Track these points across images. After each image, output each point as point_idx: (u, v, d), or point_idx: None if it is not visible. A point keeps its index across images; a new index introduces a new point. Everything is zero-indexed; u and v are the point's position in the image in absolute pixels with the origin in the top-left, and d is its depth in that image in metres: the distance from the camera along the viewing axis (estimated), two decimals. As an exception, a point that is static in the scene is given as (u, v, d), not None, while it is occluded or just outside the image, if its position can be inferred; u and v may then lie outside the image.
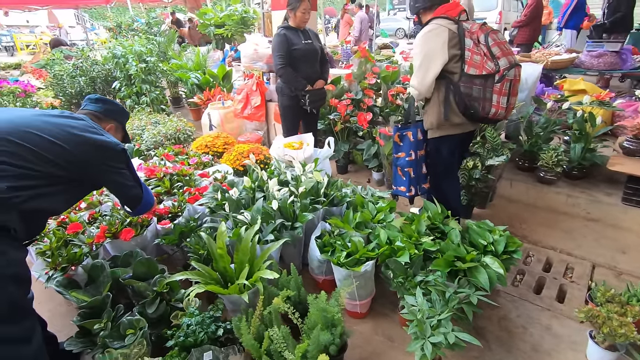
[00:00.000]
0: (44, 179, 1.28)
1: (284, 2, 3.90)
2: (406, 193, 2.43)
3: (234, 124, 4.36)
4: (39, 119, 1.37)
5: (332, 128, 3.72)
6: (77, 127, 1.42)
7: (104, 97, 1.73)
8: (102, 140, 1.45)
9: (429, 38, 1.98)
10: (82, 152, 1.37)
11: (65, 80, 4.93)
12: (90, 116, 1.61)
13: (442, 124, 2.11)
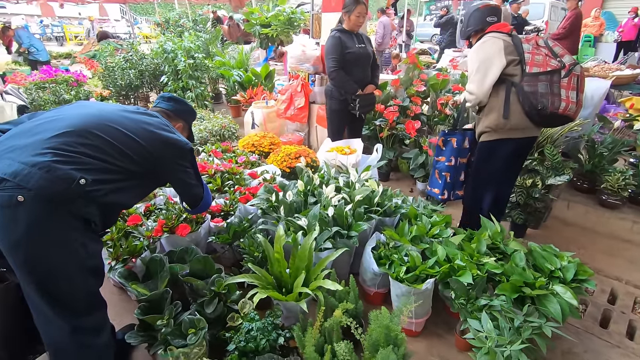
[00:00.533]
0: (123, 173, 1.30)
1: (335, 4, 3.90)
2: (439, 195, 2.53)
3: (276, 123, 4.37)
4: (119, 114, 1.39)
5: (377, 134, 3.66)
6: (152, 124, 1.44)
7: (175, 96, 1.75)
8: (174, 139, 1.46)
9: (484, 46, 2.00)
10: (155, 149, 1.39)
11: (116, 73, 5.11)
12: (162, 114, 1.63)
13: (500, 126, 2.04)
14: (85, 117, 1.30)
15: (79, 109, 1.37)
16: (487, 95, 2.03)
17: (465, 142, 2.46)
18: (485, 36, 2.03)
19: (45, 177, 1.09)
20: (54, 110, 1.39)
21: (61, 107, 1.44)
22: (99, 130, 1.27)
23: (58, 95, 4.74)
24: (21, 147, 1.14)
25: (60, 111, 1.36)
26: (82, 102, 1.49)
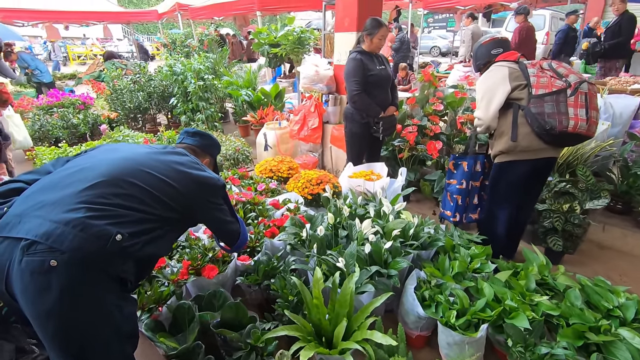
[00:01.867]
0: (158, 221, 1.19)
1: (349, 25, 3.85)
2: (451, 218, 2.56)
3: (289, 144, 4.28)
4: (150, 157, 1.29)
5: (395, 155, 3.56)
6: (184, 163, 1.34)
7: (201, 131, 1.66)
8: (206, 177, 1.36)
9: (489, 75, 2.11)
10: (189, 190, 1.29)
11: (124, 95, 5.05)
12: (189, 150, 1.54)
13: (511, 149, 2.08)
14: (117, 163, 1.20)
15: (108, 154, 1.27)
16: (494, 120, 2.09)
17: (477, 166, 2.51)
18: (492, 66, 2.14)
19: (79, 236, 0.98)
20: (82, 156, 1.29)
21: (89, 152, 1.34)
22: (133, 176, 1.17)
23: (67, 120, 4.66)
24: (52, 203, 1.03)
25: (89, 158, 1.26)
26: (109, 146, 1.38)
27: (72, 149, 4.10)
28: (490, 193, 2.37)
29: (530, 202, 2.36)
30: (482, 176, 2.51)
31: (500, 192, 2.27)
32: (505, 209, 2.27)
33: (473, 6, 8.79)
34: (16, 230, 0.98)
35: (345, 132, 3.16)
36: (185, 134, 1.64)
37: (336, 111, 4.14)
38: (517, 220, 2.31)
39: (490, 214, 2.38)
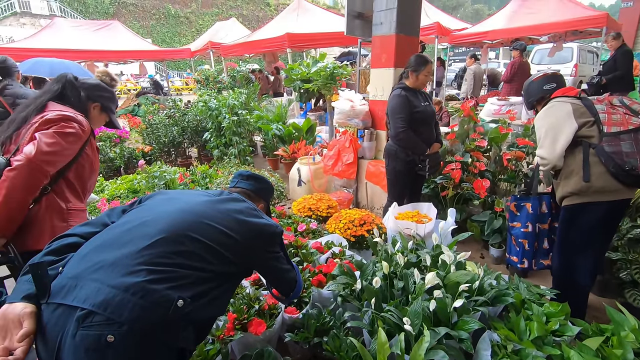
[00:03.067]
0: (218, 278, 1.08)
1: (386, 61, 3.83)
2: (517, 264, 2.43)
3: (323, 179, 4.18)
4: (209, 206, 1.20)
5: (437, 193, 3.38)
6: (243, 211, 1.24)
7: (255, 174, 1.56)
8: (265, 224, 1.26)
9: (550, 111, 2.00)
10: (249, 240, 1.18)
11: (159, 129, 5.16)
12: (244, 194, 1.44)
13: (583, 190, 1.90)
14: (177, 216, 1.10)
15: (166, 205, 1.18)
16: (561, 159, 1.97)
17: (542, 207, 2.35)
18: (551, 101, 2.03)
19: (139, 304, 0.87)
20: (139, 208, 1.20)
21: (145, 202, 1.25)
22: (194, 231, 1.07)
23: (104, 153, 4.76)
24: (110, 264, 0.93)
25: (146, 210, 1.17)
26: (166, 195, 1.30)
27: (108, 182, 4.14)
28: (561, 240, 2.15)
29: (603, 249, 2.14)
30: (550, 218, 2.34)
31: (572, 238, 2.07)
32: (580, 256, 2.06)
33: (500, 40, 8.79)
34: (72, 297, 0.87)
35: (387, 170, 3.04)
36: (239, 177, 1.55)
37: (372, 146, 4.04)
38: (594, 267, 2.08)
39: (563, 264, 2.16)
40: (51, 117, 1.54)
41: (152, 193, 1.31)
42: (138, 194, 3.78)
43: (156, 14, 27.34)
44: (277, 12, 33.13)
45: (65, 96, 1.68)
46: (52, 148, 1.48)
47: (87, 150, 1.71)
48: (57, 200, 1.60)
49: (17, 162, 1.40)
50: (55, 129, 1.52)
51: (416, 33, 3.88)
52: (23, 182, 1.41)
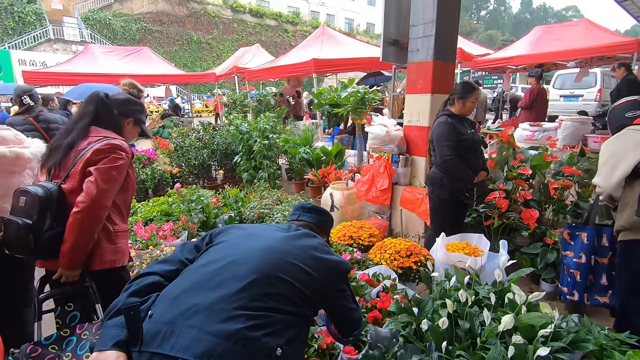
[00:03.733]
0: (303, 321, 1.06)
1: (422, 87, 3.80)
2: (567, 295, 2.33)
3: (356, 205, 4.10)
4: (288, 243, 1.15)
5: (480, 222, 3.25)
6: (317, 247, 1.19)
7: (317, 207, 1.51)
8: (338, 261, 1.22)
9: (618, 139, 1.93)
10: (324, 278, 1.13)
11: (190, 152, 5.21)
12: (307, 228, 1.38)
13: (635, 225, 1.78)
14: (263, 255, 1.06)
15: (250, 242, 1.13)
16: (617, 189, 1.88)
17: (602, 240, 2.23)
18: (625, 128, 1.94)
19: (241, 353, 0.81)
20: (221, 245, 1.15)
21: (221, 237, 1.21)
22: (281, 271, 1.02)
23: (136, 176, 4.81)
24: (206, 309, 0.87)
25: (230, 247, 1.12)
26: (244, 230, 1.24)
27: (140, 204, 4.15)
28: (619, 277, 2.04)
29: None
30: (611, 252, 2.20)
31: (628, 276, 1.93)
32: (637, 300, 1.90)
33: (525, 65, 8.75)
34: (169, 345, 0.81)
35: (431, 198, 2.94)
36: (301, 210, 1.49)
37: (407, 172, 3.96)
38: None
39: (624, 302, 2.00)
40: (100, 147, 1.58)
41: (225, 227, 1.26)
42: (171, 217, 3.77)
43: (179, 40, 28.55)
44: (294, 39, 34.21)
45: (101, 117, 1.71)
46: (109, 184, 1.56)
47: (129, 174, 1.75)
48: (106, 224, 1.65)
49: (82, 204, 1.50)
50: (108, 163, 1.57)
51: (453, 59, 3.87)
52: (91, 220, 1.53)
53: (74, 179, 1.57)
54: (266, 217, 3.59)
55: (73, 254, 1.52)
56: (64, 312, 1.60)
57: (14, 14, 21.73)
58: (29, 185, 1.55)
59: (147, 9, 27.64)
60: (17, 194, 1.54)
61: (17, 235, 1.47)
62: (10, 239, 1.52)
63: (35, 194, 1.48)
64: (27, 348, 1.26)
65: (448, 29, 3.69)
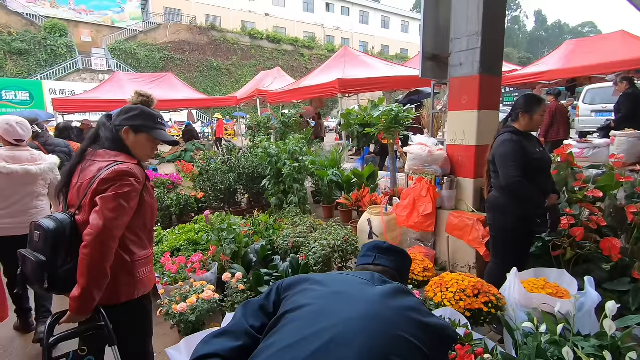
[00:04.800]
0: None
1: (467, 102, 3.51)
2: None
3: (396, 232, 3.75)
4: (383, 304, 0.90)
5: (546, 252, 2.86)
6: (415, 308, 0.93)
7: (395, 248, 1.21)
8: (443, 326, 0.94)
9: None
10: (435, 352, 0.87)
11: (216, 177, 5.02)
12: (387, 275, 1.08)
13: None
14: (366, 326, 0.79)
15: (341, 305, 0.86)
16: None
17: None
18: None
19: None
20: (305, 311, 0.87)
21: (301, 293, 0.92)
22: (394, 351, 0.77)
23: (161, 201, 4.63)
24: None
25: (319, 314, 0.85)
26: (327, 285, 0.97)
27: (166, 232, 3.93)
28: None
29: None
30: None
31: None
32: None
33: (557, 80, 8.39)
34: None
35: (493, 226, 2.59)
36: (377, 251, 1.20)
37: (452, 195, 3.62)
38: None
39: None
40: (106, 176, 1.47)
41: (295, 279, 0.98)
42: (198, 246, 3.52)
43: (200, 66, 29.46)
44: (310, 62, 34.82)
45: (100, 138, 1.63)
46: (116, 213, 1.44)
47: (145, 198, 1.61)
48: (122, 254, 1.53)
49: (88, 237, 1.39)
50: (114, 191, 1.46)
51: (499, 72, 3.59)
52: (100, 255, 1.40)
53: (85, 211, 1.49)
54: (301, 246, 3.29)
55: (85, 297, 1.38)
56: (78, 358, 1.49)
57: (47, 47, 22.96)
58: (43, 218, 1.48)
59: (170, 39, 28.78)
60: (32, 227, 1.50)
61: (32, 271, 1.43)
62: (28, 274, 1.47)
63: (47, 228, 1.41)
64: None
65: (494, 40, 3.44)
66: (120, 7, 27.95)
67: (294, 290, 0.93)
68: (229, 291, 2.72)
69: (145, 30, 28.49)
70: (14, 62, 22.07)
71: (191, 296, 2.52)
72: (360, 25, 41.75)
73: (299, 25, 37.50)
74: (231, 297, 2.66)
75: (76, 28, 25.92)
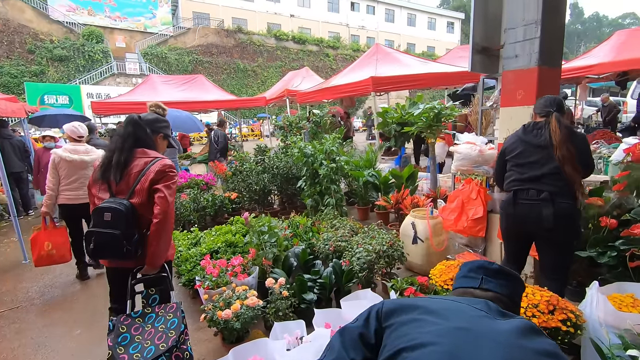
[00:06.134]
0: None
1: (523, 98, 3.24)
2: None
3: (442, 237, 3.53)
4: (518, 345, 0.71)
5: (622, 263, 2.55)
6: (553, 354, 0.74)
7: (504, 269, 1.03)
8: None
9: None
10: None
11: (251, 177, 4.96)
12: (498, 302, 0.90)
13: None
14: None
15: (475, 347, 0.69)
16: None
17: None
18: None
19: None
20: (426, 353, 0.70)
21: (412, 323, 0.77)
22: None
23: (197, 202, 4.61)
24: None
25: (450, 354, 0.67)
26: (445, 318, 0.82)
27: (203, 233, 3.89)
28: None
29: None
30: None
31: None
32: None
33: (608, 74, 7.80)
34: None
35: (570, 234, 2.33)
36: (484, 272, 1.01)
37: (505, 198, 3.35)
38: None
39: None
40: (160, 168, 1.93)
41: (398, 304, 0.83)
42: (237, 248, 3.44)
43: (227, 69, 29.99)
44: (335, 62, 34.66)
45: (140, 137, 2.02)
46: (174, 195, 1.96)
47: None
48: None
49: (160, 215, 1.86)
50: (170, 179, 1.94)
51: (559, 64, 3.28)
52: (168, 226, 1.93)
53: (142, 195, 1.90)
54: (344, 250, 3.13)
55: (158, 254, 1.93)
56: (148, 295, 1.99)
57: (85, 53, 24.05)
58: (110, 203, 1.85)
59: (199, 42, 29.47)
60: (99, 211, 1.83)
61: (111, 244, 1.81)
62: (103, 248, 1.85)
63: (120, 209, 1.82)
64: (121, 317, 1.84)
65: (555, 29, 3.14)
66: (152, 13, 28.89)
67: (400, 318, 0.78)
68: (272, 297, 2.60)
69: (175, 35, 29.32)
70: (55, 68, 23.27)
71: (235, 302, 2.42)
72: (386, 23, 41.14)
73: (323, 26, 37.42)
74: (274, 304, 2.55)
75: (111, 34, 27.01)
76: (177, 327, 1.82)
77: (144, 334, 1.78)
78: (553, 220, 2.22)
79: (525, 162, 2.39)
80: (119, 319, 1.82)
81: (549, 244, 2.38)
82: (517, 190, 2.41)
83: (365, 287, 2.93)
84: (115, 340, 1.73)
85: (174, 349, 1.77)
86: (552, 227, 2.24)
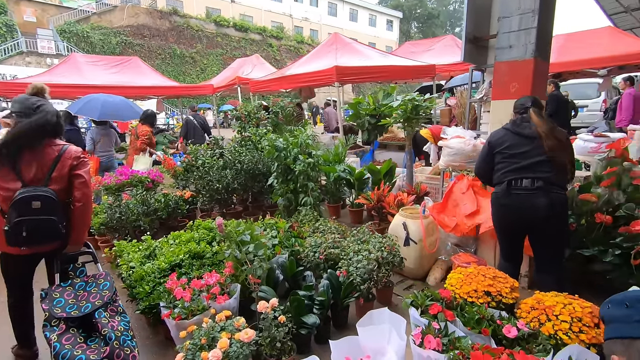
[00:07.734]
0: None
1: (517, 91, 3.11)
2: None
3: (434, 237, 3.30)
4: None
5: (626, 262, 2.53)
6: None
7: None
8: None
9: None
10: None
11: (211, 174, 4.30)
12: None
13: None
14: None
15: None
16: None
17: None
18: None
19: None
20: None
21: None
22: None
23: (147, 204, 3.84)
24: None
25: None
26: None
27: (158, 242, 3.21)
28: None
29: None
30: None
31: None
32: None
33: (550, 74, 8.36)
34: None
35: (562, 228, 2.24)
36: None
37: (498, 195, 3.22)
38: None
39: None
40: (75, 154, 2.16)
41: None
42: (204, 260, 2.85)
43: (162, 54, 27.45)
44: (279, 53, 33.70)
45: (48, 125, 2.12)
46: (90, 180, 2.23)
47: None
48: None
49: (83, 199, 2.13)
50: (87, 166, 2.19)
51: (548, 57, 3.22)
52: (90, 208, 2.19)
53: (61, 182, 2.07)
54: (337, 259, 2.74)
55: (81, 234, 2.18)
56: (75, 268, 2.15)
57: (-18, 25, 20.18)
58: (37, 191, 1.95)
59: (128, 22, 26.50)
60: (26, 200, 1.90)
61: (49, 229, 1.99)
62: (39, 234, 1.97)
63: (50, 196, 1.97)
64: (52, 287, 2.02)
65: (548, 20, 3.06)
66: (70, -15, 25.27)
67: None
68: (264, 323, 2.11)
69: (99, 12, 26.01)
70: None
71: (220, 336, 1.89)
72: (329, 17, 41.11)
73: (266, 14, 36.15)
74: (268, 332, 2.06)
75: (17, 5, 23.05)
76: (110, 287, 2.04)
77: (77, 297, 1.95)
78: (549, 209, 2.24)
79: (517, 152, 2.38)
80: (50, 287, 1.98)
81: (543, 235, 2.37)
82: (511, 181, 2.37)
83: (366, 301, 2.58)
84: (50, 304, 1.86)
85: (108, 305, 1.98)
86: (548, 215, 2.25)
